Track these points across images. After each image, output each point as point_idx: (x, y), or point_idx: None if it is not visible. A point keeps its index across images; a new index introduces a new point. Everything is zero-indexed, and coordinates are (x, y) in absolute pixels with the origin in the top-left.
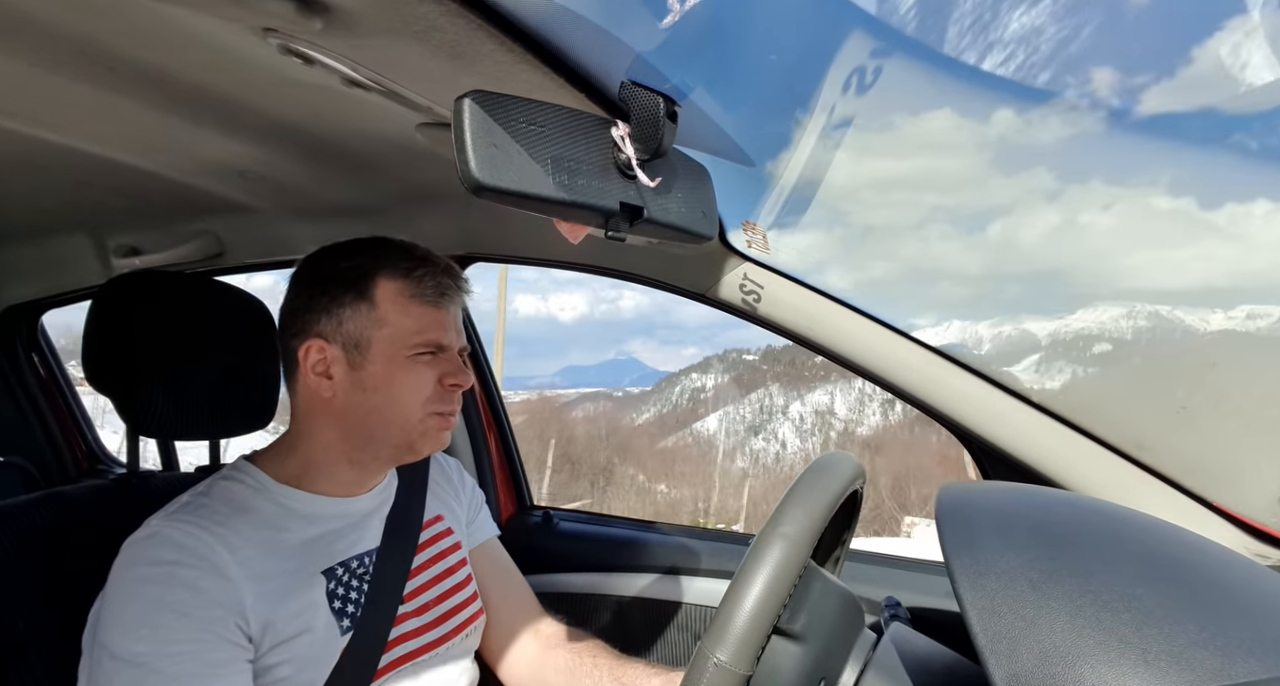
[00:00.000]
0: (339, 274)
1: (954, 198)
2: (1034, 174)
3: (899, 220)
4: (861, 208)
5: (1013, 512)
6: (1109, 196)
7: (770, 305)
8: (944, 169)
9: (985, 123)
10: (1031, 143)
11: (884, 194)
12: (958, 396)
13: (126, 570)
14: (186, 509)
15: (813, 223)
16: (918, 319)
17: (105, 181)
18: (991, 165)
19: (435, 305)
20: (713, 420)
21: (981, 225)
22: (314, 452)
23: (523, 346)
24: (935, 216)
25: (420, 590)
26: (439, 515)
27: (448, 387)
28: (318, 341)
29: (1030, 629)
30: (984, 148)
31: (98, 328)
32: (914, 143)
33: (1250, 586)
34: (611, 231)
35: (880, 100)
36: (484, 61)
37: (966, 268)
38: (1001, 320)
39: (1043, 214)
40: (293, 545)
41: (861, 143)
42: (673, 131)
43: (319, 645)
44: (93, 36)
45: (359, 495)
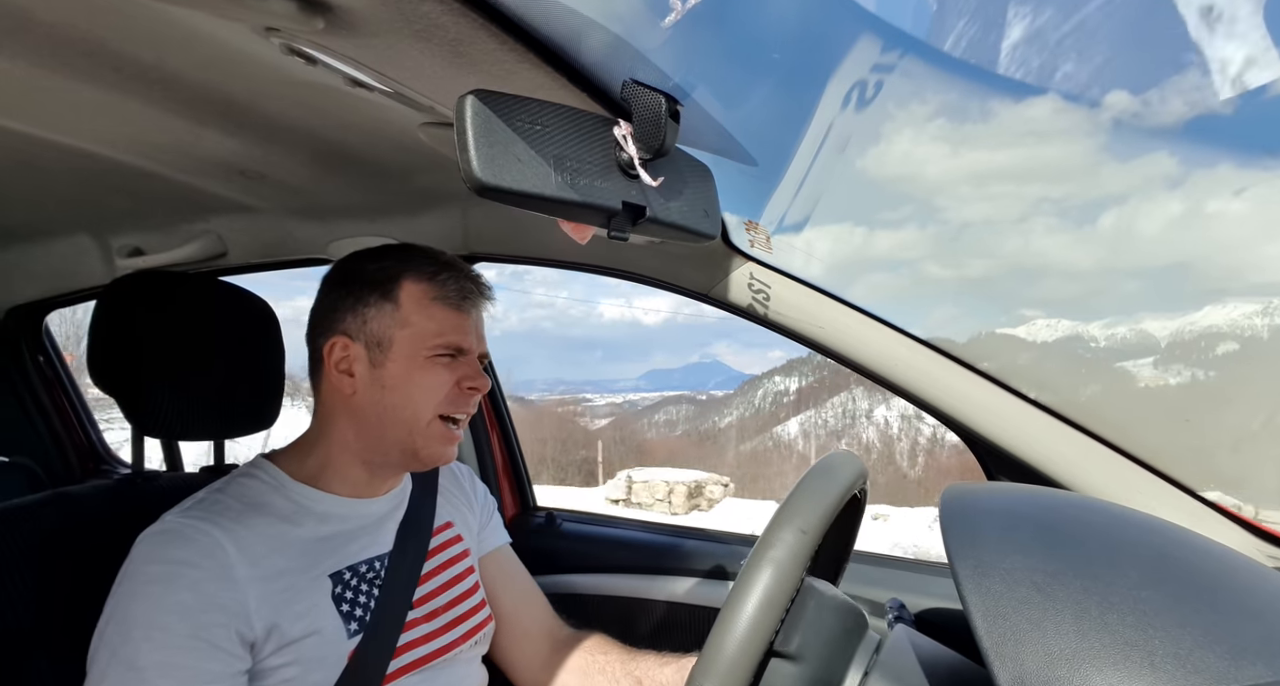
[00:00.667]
0: (366, 275)
1: (1062, 188)
2: (1153, 159)
3: (999, 214)
4: (956, 203)
5: (1017, 514)
6: (1241, 181)
7: (774, 305)
8: (1049, 157)
9: (1098, 106)
10: (1150, 125)
11: (982, 187)
12: (963, 397)
13: (137, 566)
14: (201, 505)
15: (905, 219)
16: (1023, 315)
17: (108, 182)
18: (1104, 151)
19: (457, 308)
20: (794, 424)
21: (1093, 216)
22: (331, 451)
23: (608, 350)
24: (1040, 209)
25: (429, 596)
26: (449, 522)
27: (465, 390)
28: (342, 338)
29: (1035, 631)
30: (1096, 132)
31: (102, 328)
32: (1015, 132)
33: (1257, 588)
34: (614, 231)
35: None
36: (486, 61)
37: (1076, 263)
38: (1116, 319)
39: (1163, 202)
40: (304, 542)
41: (957, 135)
42: (675, 131)
43: (326, 647)
44: (96, 37)
45: (373, 497)
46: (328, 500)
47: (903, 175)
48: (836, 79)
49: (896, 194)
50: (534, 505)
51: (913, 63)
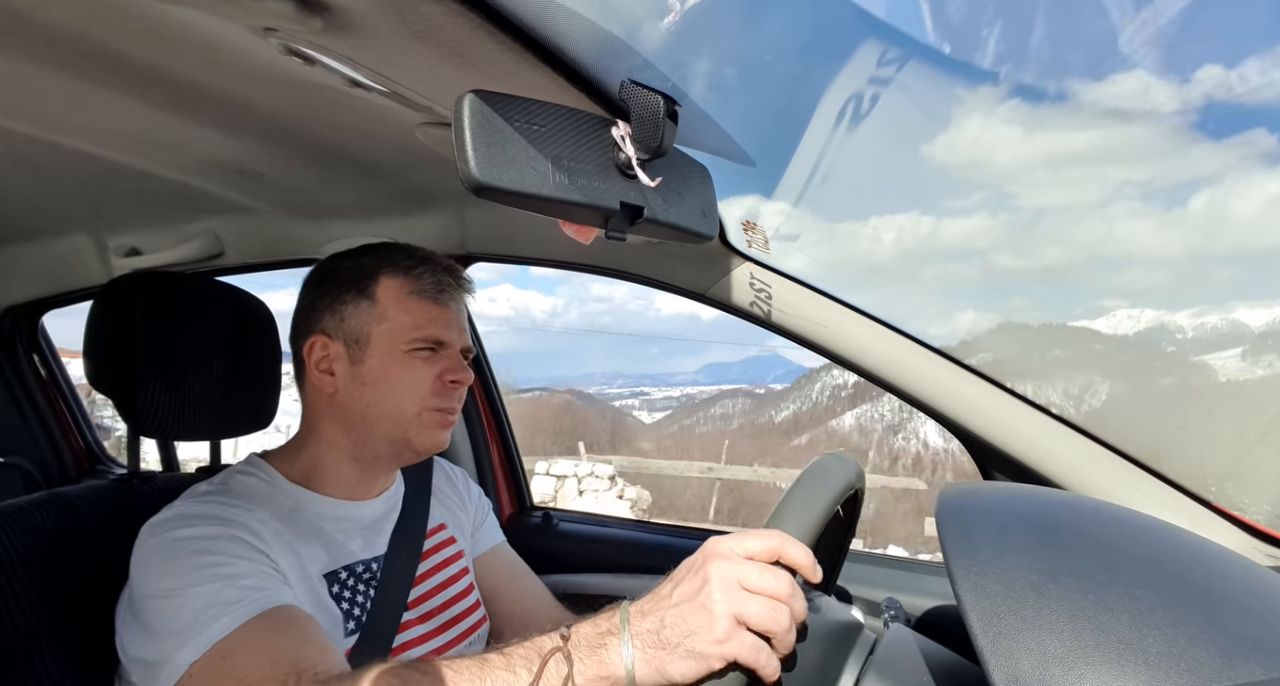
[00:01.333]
0: (342, 274)
1: (1147, 170)
2: (1251, 137)
3: (1076, 200)
4: (1030, 189)
5: (1013, 513)
6: None
7: (771, 305)
8: (1133, 138)
9: (1188, 82)
10: (1248, 101)
11: (1058, 171)
12: (960, 398)
13: (151, 542)
14: (206, 495)
15: (975, 207)
16: (1103, 306)
17: (106, 181)
18: (1196, 129)
19: (434, 301)
20: (849, 418)
21: (1182, 199)
22: (320, 451)
23: (666, 345)
24: (1123, 193)
25: (424, 598)
26: (442, 523)
27: (447, 384)
28: (321, 338)
29: (1030, 630)
30: (1183, 113)
31: (99, 328)
32: (1096, 111)
33: (1251, 587)
34: (612, 231)
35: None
36: (485, 61)
37: (1163, 249)
38: (1207, 308)
39: (1262, 182)
40: (301, 541)
41: (1032, 117)
42: (673, 131)
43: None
44: (94, 37)
45: (367, 499)
46: (321, 502)
47: (971, 161)
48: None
49: (965, 181)
50: (531, 505)
51: (927, 52)
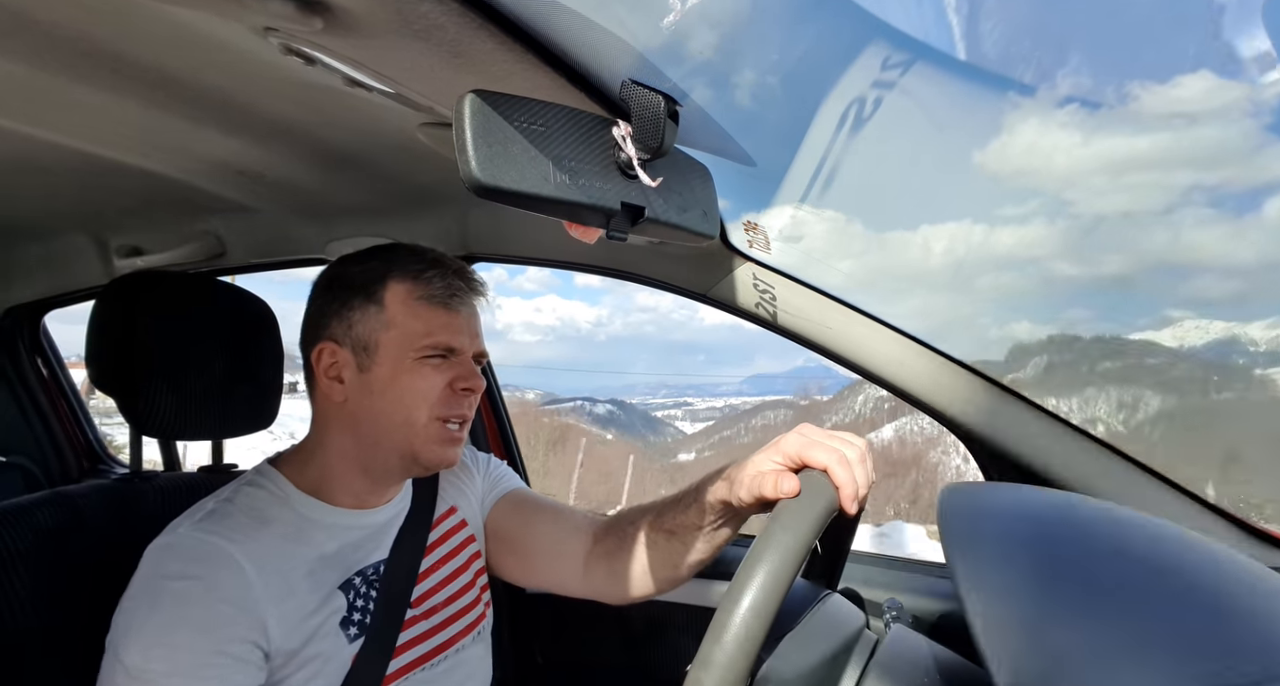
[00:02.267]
0: (350, 279)
1: (1216, 174)
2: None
3: (1139, 206)
4: (1090, 195)
5: (1016, 514)
6: None
7: (772, 306)
8: (1201, 141)
9: (1259, 84)
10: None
11: (1118, 177)
12: (962, 399)
13: (150, 580)
14: (212, 517)
15: (1030, 214)
16: (1168, 316)
17: (107, 182)
18: (1270, 131)
19: (444, 307)
20: (889, 429)
21: (1256, 204)
22: (330, 460)
23: (710, 354)
24: (1190, 199)
25: (429, 593)
26: (453, 507)
27: (458, 392)
28: (330, 344)
29: (1032, 631)
30: (1256, 113)
31: (101, 328)
32: (1158, 115)
33: (1254, 588)
34: (613, 231)
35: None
36: (485, 61)
37: (1234, 257)
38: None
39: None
40: (311, 559)
41: (1087, 121)
42: (674, 131)
43: (331, 655)
44: (95, 37)
45: (376, 507)
46: (331, 513)
47: (1025, 168)
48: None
49: (1020, 188)
50: None
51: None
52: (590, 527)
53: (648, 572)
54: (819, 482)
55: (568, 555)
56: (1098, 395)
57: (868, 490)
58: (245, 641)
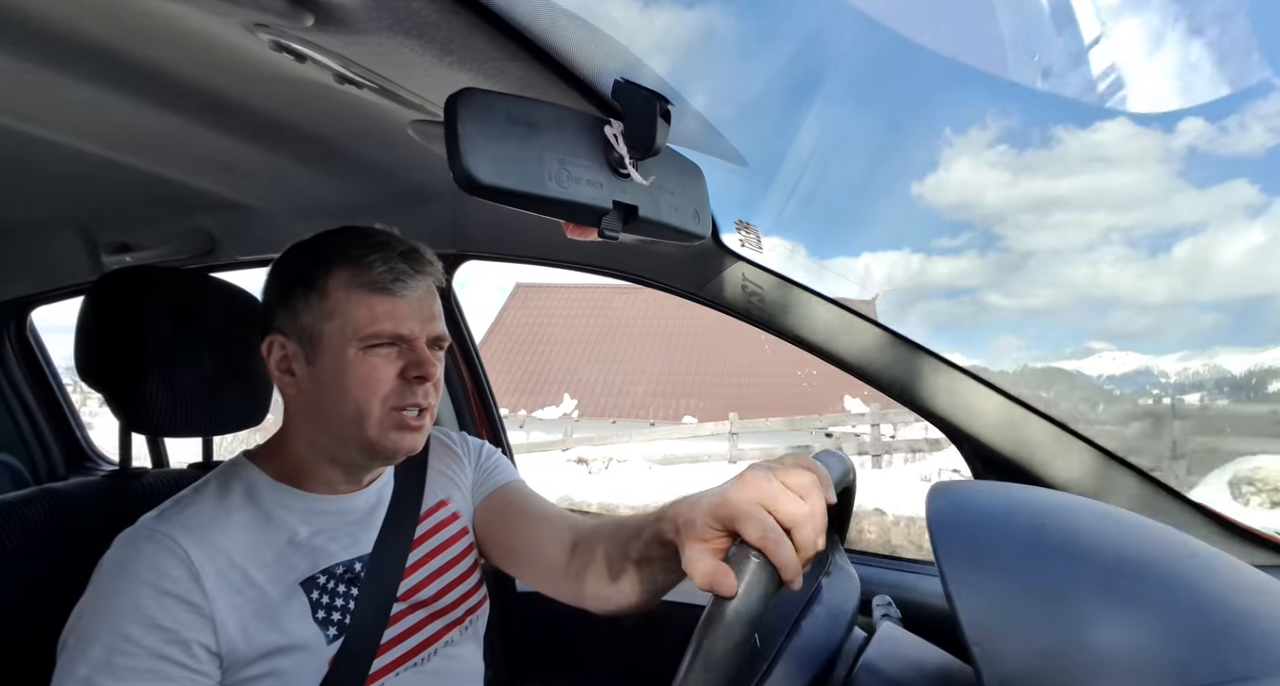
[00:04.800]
0: (294, 267)
1: (1132, 216)
2: (1233, 187)
3: (1065, 243)
4: (1018, 231)
5: (1004, 513)
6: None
7: (764, 304)
8: (1118, 184)
9: (1172, 132)
10: (1228, 152)
11: (1045, 216)
12: (951, 397)
13: (105, 571)
14: (176, 506)
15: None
16: (1089, 348)
17: (96, 177)
18: (1179, 178)
19: (387, 293)
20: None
21: (1166, 246)
22: (300, 451)
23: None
24: (1109, 238)
25: (417, 587)
26: (443, 500)
27: (410, 381)
28: (278, 337)
29: (1020, 629)
30: (1169, 159)
31: (90, 324)
32: (1079, 158)
33: (1240, 587)
34: (606, 230)
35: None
36: (477, 59)
37: (1149, 295)
38: (1191, 353)
39: (1244, 232)
40: (279, 548)
41: (1015, 162)
42: (665, 130)
43: (303, 656)
44: (84, 33)
45: (355, 492)
46: (307, 499)
47: (959, 202)
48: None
49: (954, 220)
50: None
51: (919, 65)
52: (570, 535)
53: (622, 593)
54: (752, 567)
55: (545, 565)
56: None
57: (815, 552)
58: (187, 642)
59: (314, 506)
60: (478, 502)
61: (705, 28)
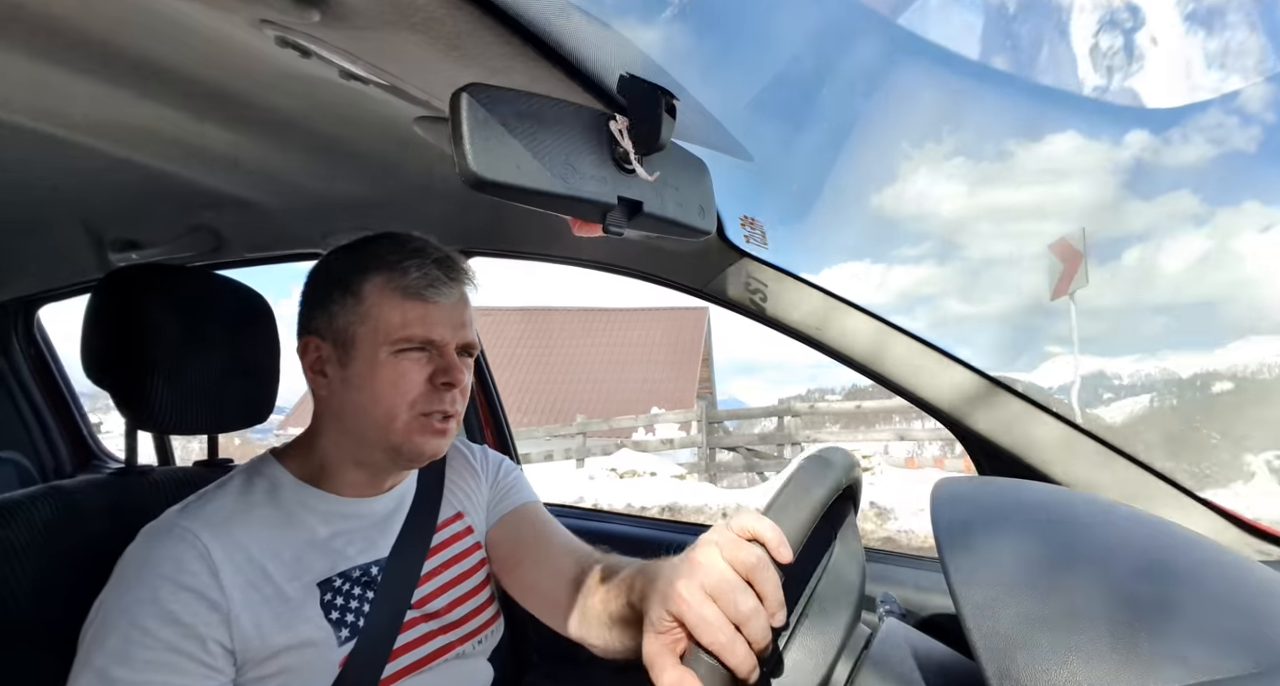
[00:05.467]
0: (332, 271)
1: (1082, 226)
2: (1176, 197)
3: (1020, 251)
4: (977, 240)
5: (1008, 509)
6: (1268, 218)
7: (769, 301)
8: (1069, 195)
9: (1119, 145)
10: (1172, 164)
11: (1001, 225)
12: (956, 393)
13: (127, 564)
14: (199, 502)
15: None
16: (1048, 351)
17: (101, 175)
18: (1126, 189)
19: (420, 298)
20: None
21: (1116, 253)
22: (326, 451)
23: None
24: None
25: (430, 597)
26: (459, 513)
27: (439, 386)
28: (314, 339)
29: (1024, 625)
30: (1117, 171)
31: (96, 321)
32: (1032, 171)
33: (1245, 582)
34: (610, 226)
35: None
36: (482, 54)
37: (1099, 301)
38: (1142, 356)
39: (1188, 240)
40: (298, 546)
41: (971, 173)
42: (671, 125)
43: (315, 656)
44: (89, 29)
45: (376, 495)
46: (329, 500)
47: (919, 214)
48: (838, 71)
49: (914, 232)
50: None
51: (913, 63)
52: (573, 571)
53: (613, 644)
54: (705, 671)
55: (548, 600)
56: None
57: (769, 642)
58: (202, 638)
59: (335, 508)
60: (493, 523)
61: (712, 22)
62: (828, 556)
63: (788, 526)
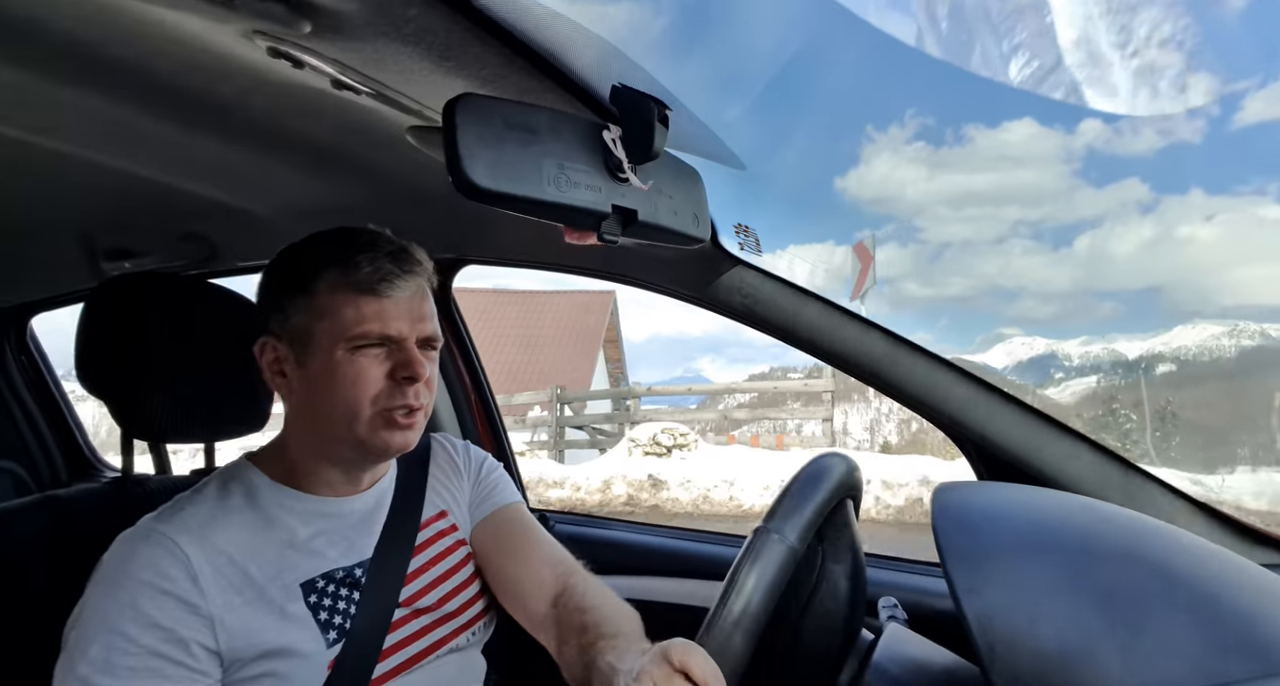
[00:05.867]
0: (285, 270)
1: (1038, 211)
2: (1126, 185)
3: (977, 235)
4: (935, 223)
5: (1009, 514)
6: (1211, 207)
7: (764, 308)
8: (1025, 181)
9: (1073, 133)
10: (1123, 153)
11: (959, 209)
12: (953, 398)
13: (104, 570)
14: (175, 507)
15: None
16: (1001, 333)
17: (94, 184)
18: (1078, 176)
19: (373, 293)
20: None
21: (1068, 239)
22: (297, 451)
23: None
24: (1018, 231)
25: (418, 595)
26: (442, 511)
27: (400, 381)
28: (270, 339)
29: (1027, 629)
30: (1069, 160)
31: (90, 330)
32: (989, 157)
33: (1244, 586)
34: (605, 234)
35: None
36: (475, 65)
37: (1053, 284)
38: (1091, 339)
39: (1136, 227)
40: (279, 548)
41: (931, 158)
42: (664, 134)
43: (303, 658)
44: (81, 39)
45: (354, 494)
46: (307, 500)
47: (880, 197)
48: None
49: (875, 214)
50: (526, 505)
51: (901, 72)
52: (553, 587)
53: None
54: None
55: (525, 609)
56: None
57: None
58: (185, 642)
59: (313, 508)
60: (475, 523)
61: (703, 32)
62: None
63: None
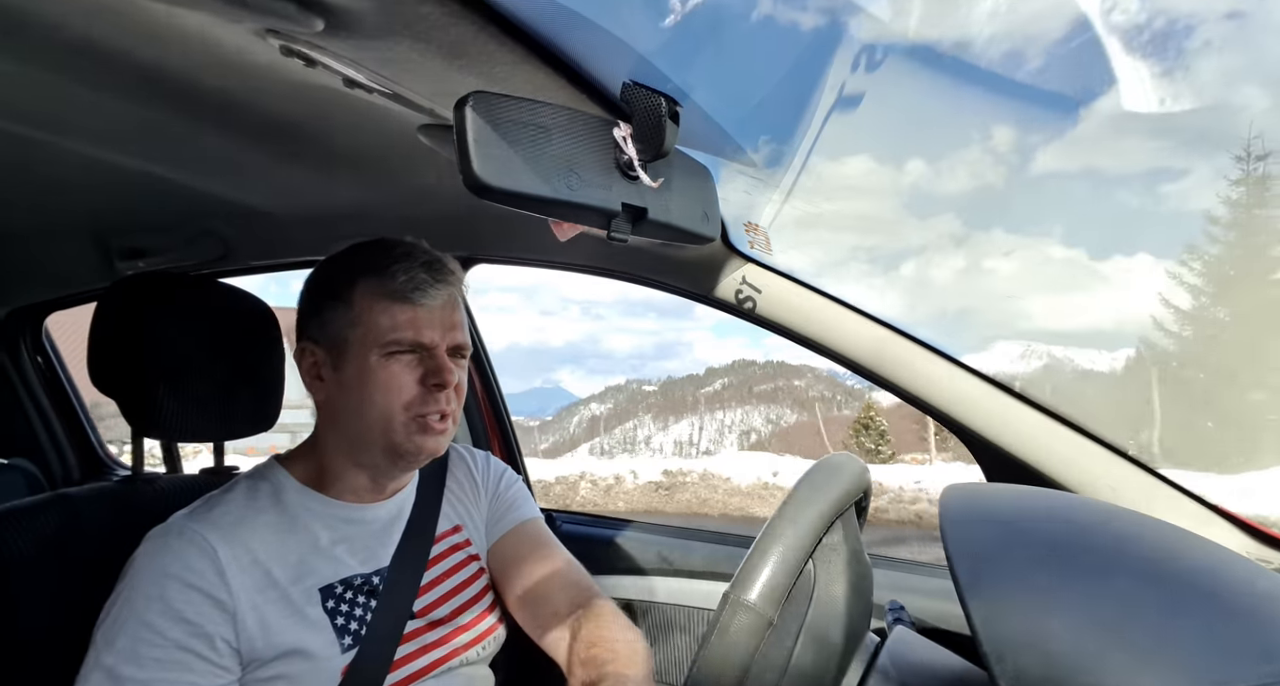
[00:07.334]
0: (324, 278)
1: (871, 239)
2: (943, 219)
3: (822, 259)
4: (783, 247)
5: (1015, 516)
6: (1009, 243)
7: (770, 306)
8: (861, 211)
9: (901, 171)
10: (941, 191)
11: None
12: (958, 396)
13: (135, 566)
14: (205, 505)
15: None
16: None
17: (108, 183)
18: (904, 210)
19: (407, 301)
20: (584, 449)
21: (896, 266)
22: (327, 456)
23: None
24: (855, 256)
25: (434, 605)
26: (457, 525)
27: (430, 388)
28: (309, 344)
29: (1034, 633)
30: (897, 195)
31: (103, 329)
32: (832, 187)
33: (1254, 589)
34: (615, 232)
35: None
36: (486, 62)
37: (884, 306)
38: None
39: (952, 256)
40: (301, 551)
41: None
42: (674, 132)
43: (317, 661)
44: (95, 38)
45: (378, 502)
46: (332, 506)
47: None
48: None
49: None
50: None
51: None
52: (569, 616)
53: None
54: None
55: (541, 629)
56: (752, 411)
57: None
58: (210, 637)
59: (337, 513)
60: (493, 541)
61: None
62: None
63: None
